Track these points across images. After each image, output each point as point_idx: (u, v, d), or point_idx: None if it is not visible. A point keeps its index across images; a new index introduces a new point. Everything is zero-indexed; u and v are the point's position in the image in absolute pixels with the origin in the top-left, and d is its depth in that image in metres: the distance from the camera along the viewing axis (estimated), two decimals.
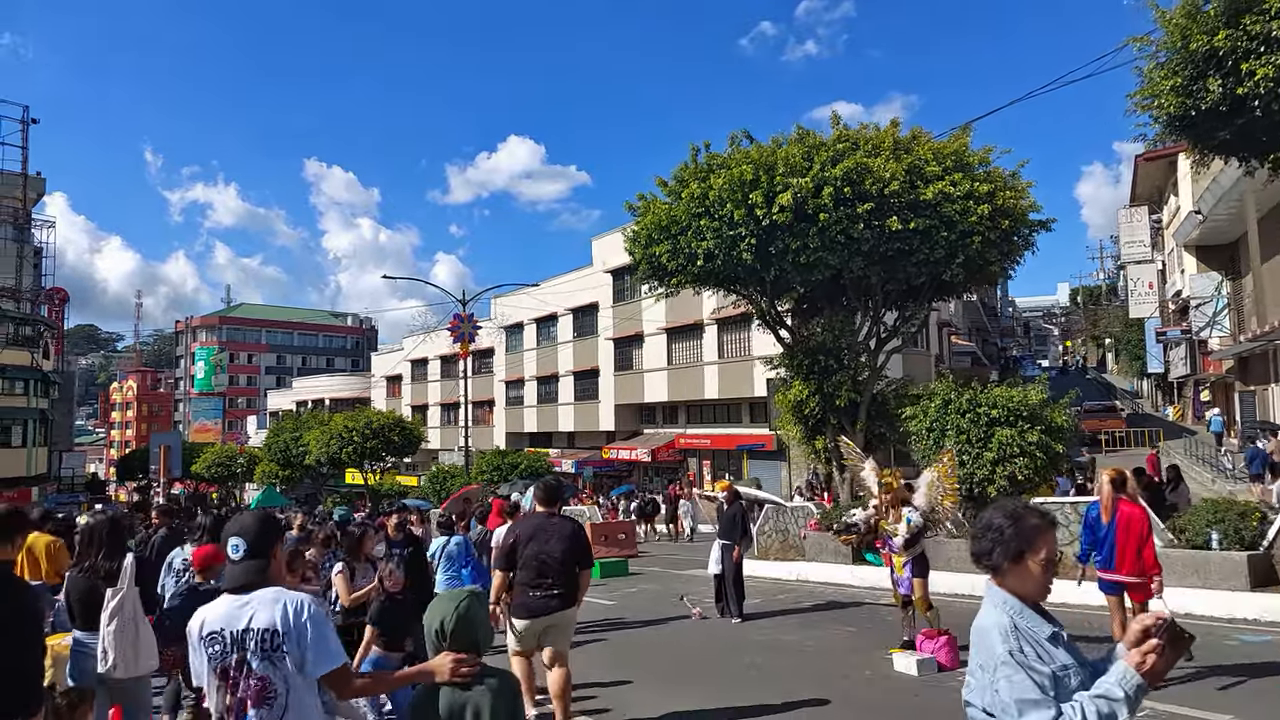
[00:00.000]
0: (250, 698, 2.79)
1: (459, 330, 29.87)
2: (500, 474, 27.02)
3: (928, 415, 12.74)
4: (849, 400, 14.46)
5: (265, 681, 2.80)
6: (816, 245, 12.78)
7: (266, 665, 2.80)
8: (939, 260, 13.20)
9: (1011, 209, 13.28)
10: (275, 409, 75.20)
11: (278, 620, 2.80)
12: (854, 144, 13.19)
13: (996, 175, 13.45)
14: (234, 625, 2.84)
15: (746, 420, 35.02)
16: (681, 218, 13.72)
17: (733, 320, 33.52)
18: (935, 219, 12.74)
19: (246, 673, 2.80)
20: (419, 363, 58.56)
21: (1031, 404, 12.05)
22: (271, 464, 46.10)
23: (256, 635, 2.81)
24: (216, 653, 2.84)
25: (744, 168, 12.85)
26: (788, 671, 8.36)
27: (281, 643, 2.79)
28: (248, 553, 2.92)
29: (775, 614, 11.48)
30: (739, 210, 12.79)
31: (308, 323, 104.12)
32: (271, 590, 2.88)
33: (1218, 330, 32.09)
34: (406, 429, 39.39)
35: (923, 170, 12.86)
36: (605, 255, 41.22)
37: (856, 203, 12.57)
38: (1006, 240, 13.61)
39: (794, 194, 12.42)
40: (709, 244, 13.28)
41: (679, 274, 14.39)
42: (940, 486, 8.72)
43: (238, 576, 2.92)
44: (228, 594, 2.93)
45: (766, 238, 13.05)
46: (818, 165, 12.73)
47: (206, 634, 2.88)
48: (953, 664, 7.84)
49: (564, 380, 44.50)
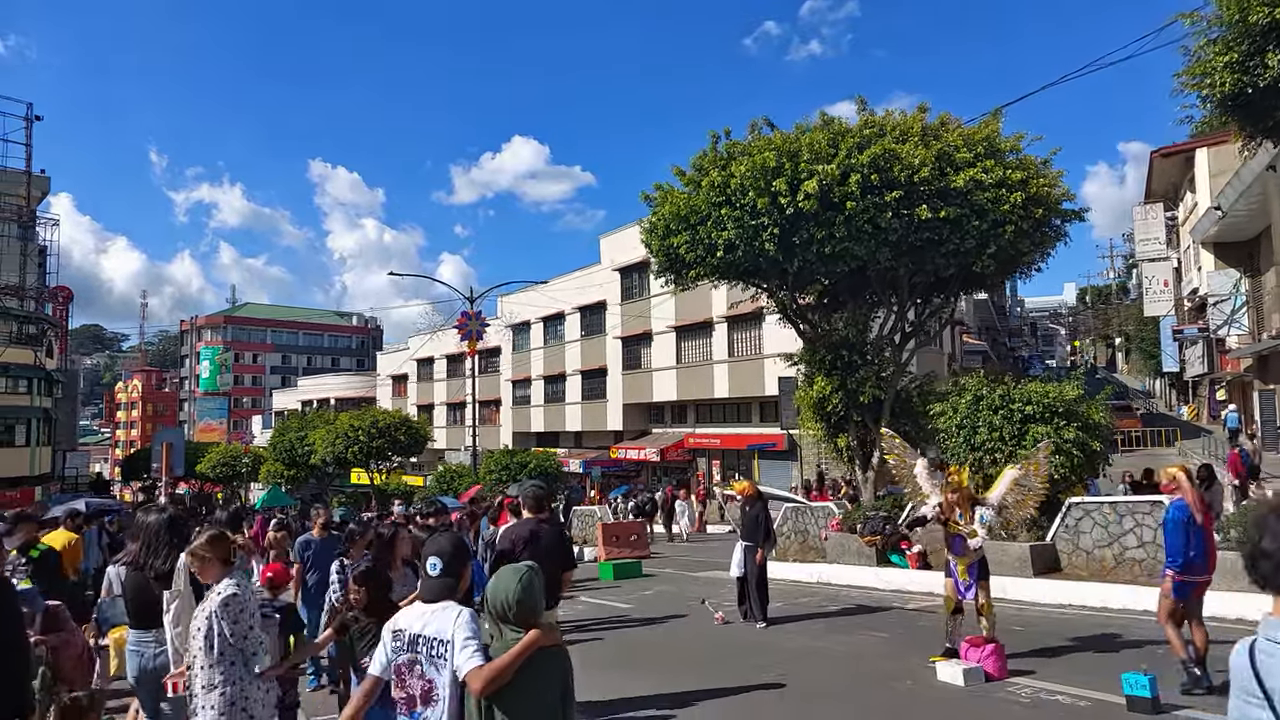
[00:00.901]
0: (419, 696, 3.17)
1: (467, 328, 29.44)
2: (509, 473, 26.57)
3: (958, 412, 12.28)
4: (872, 397, 13.99)
5: (432, 684, 3.16)
6: (843, 235, 12.28)
7: (432, 669, 3.16)
8: (969, 251, 12.70)
9: (1045, 197, 12.80)
10: (280, 409, 74.96)
11: (444, 631, 3.15)
12: (880, 130, 12.72)
13: (1029, 162, 12.95)
14: (413, 628, 3.25)
15: (757, 419, 34.59)
16: (701, 207, 13.22)
17: (743, 318, 33.11)
18: (966, 207, 12.23)
19: (418, 674, 3.18)
20: (425, 362, 58.21)
21: (1068, 400, 11.60)
22: (277, 464, 45.70)
23: (428, 641, 3.18)
24: (397, 649, 3.27)
25: (767, 154, 12.37)
26: (822, 681, 7.90)
27: (445, 650, 3.13)
28: (443, 571, 3.31)
29: (800, 618, 11.02)
30: (762, 199, 12.30)
31: (313, 322, 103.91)
32: (445, 604, 3.25)
33: (1236, 328, 31.58)
34: (413, 428, 38.99)
35: (952, 157, 12.37)
36: (613, 253, 40.83)
37: (884, 191, 12.08)
38: (1039, 230, 13.12)
39: (820, 181, 11.93)
40: (730, 234, 12.79)
41: (697, 265, 13.88)
42: (1026, 486, 8.18)
43: (433, 590, 3.30)
44: (420, 602, 3.34)
45: (790, 227, 12.56)
46: (843, 152, 12.25)
47: (394, 630, 3.33)
48: (1001, 674, 7.38)
49: (571, 379, 44.09)
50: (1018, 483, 8.20)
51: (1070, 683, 7.09)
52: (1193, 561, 6.71)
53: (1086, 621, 9.76)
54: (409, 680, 3.21)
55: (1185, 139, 31.78)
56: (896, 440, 8.68)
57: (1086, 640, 8.62)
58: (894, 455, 8.58)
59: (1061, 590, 10.84)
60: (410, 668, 3.21)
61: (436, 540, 3.49)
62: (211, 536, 4.13)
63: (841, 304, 15.36)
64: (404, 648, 3.25)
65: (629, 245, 39.53)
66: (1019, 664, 7.65)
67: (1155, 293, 39.01)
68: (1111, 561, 11.01)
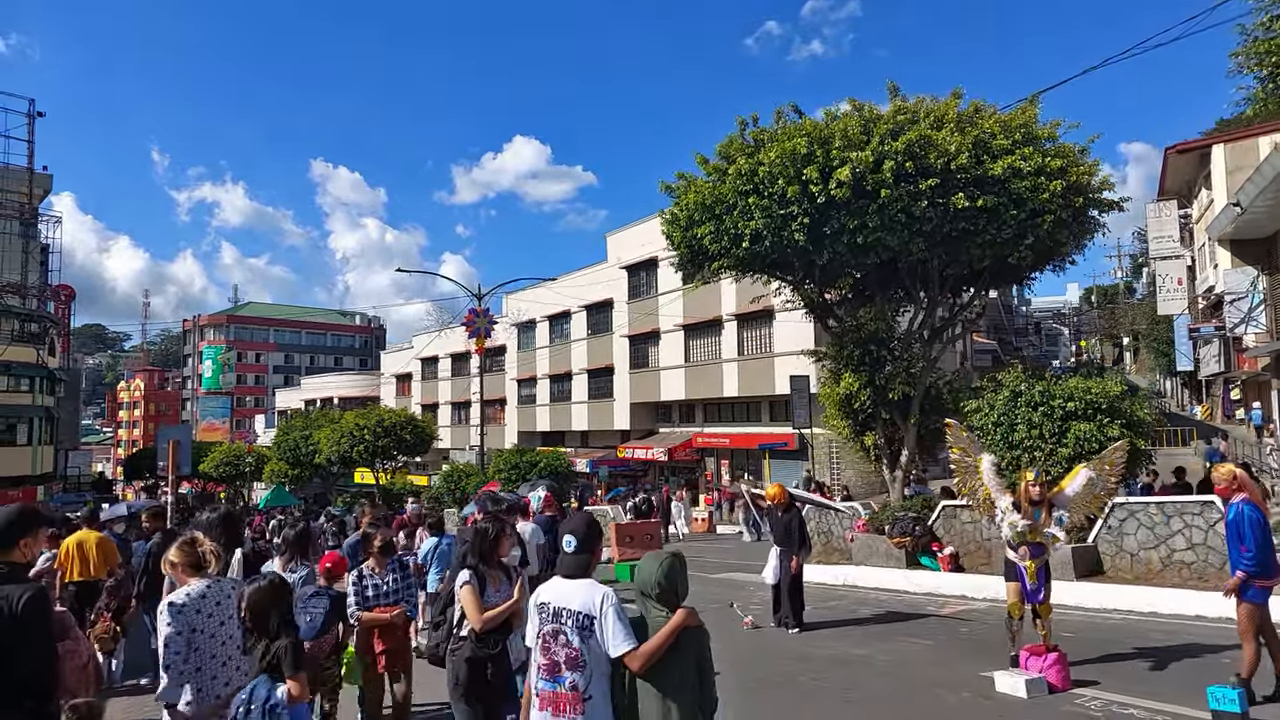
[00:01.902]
0: (564, 662, 3.47)
1: (474, 325, 28.99)
2: (518, 473, 26.12)
3: (994, 409, 11.83)
4: (902, 394, 13.53)
5: (577, 652, 3.47)
6: (875, 224, 11.81)
7: (577, 639, 3.48)
8: (1006, 241, 12.22)
9: (1084, 186, 12.34)
10: (283, 408, 74.61)
11: (591, 606, 3.48)
12: (914, 117, 12.26)
13: (1067, 150, 12.48)
14: (557, 602, 3.56)
15: (767, 419, 34.16)
16: (727, 196, 12.72)
17: (753, 316, 32.69)
18: (1004, 196, 11.75)
19: (563, 642, 3.49)
20: (429, 361, 57.81)
21: (1111, 396, 11.15)
22: (281, 463, 45.29)
23: (573, 615, 3.50)
24: (543, 619, 3.57)
25: (798, 141, 11.89)
26: (870, 690, 7.47)
27: (591, 624, 3.47)
28: (578, 548, 3.64)
29: (833, 624, 10.59)
30: (792, 187, 11.82)
31: (315, 321, 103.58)
32: (587, 581, 3.60)
33: (1253, 326, 31.14)
34: (419, 427, 38.58)
35: (989, 144, 11.90)
36: (620, 251, 40.43)
37: (919, 178, 11.60)
38: (1078, 220, 12.66)
39: (853, 168, 11.47)
40: (757, 224, 12.30)
41: (722, 257, 13.42)
42: (1098, 486, 7.72)
43: (571, 566, 3.64)
44: (560, 577, 3.65)
45: (820, 217, 12.09)
46: (876, 138, 11.78)
47: (539, 603, 3.63)
48: (1064, 685, 6.94)
49: (577, 378, 43.67)
50: (1090, 482, 7.76)
51: (1138, 694, 6.67)
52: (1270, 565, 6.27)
53: (1137, 627, 9.33)
54: (554, 648, 3.52)
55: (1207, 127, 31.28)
56: (964, 433, 8.16)
57: (1144, 648, 8.19)
58: (958, 448, 8.08)
59: (1106, 594, 10.41)
60: (554, 637, 3.53)
61: (571, 520, 3.85)
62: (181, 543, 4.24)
63: (869, 298, 14.88)
64: (549, 618, 3.56)
65: (636, 243, 39.16)
66: (1079, 673, 7.23)
67: (1169, 291, 38.49)
68: (1158, 564, 10.57)
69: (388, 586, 6.14)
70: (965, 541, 12.93)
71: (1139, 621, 9.68)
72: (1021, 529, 7.37)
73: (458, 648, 4.70)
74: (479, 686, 4.60)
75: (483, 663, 4.63)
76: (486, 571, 4.83)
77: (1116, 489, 8.32)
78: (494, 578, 4.86)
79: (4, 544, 3.65)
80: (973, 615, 10.75)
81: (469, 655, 4.62)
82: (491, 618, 4.62)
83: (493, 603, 4.71)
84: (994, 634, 9.42)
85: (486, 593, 4.75)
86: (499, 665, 4.72)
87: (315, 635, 5.82)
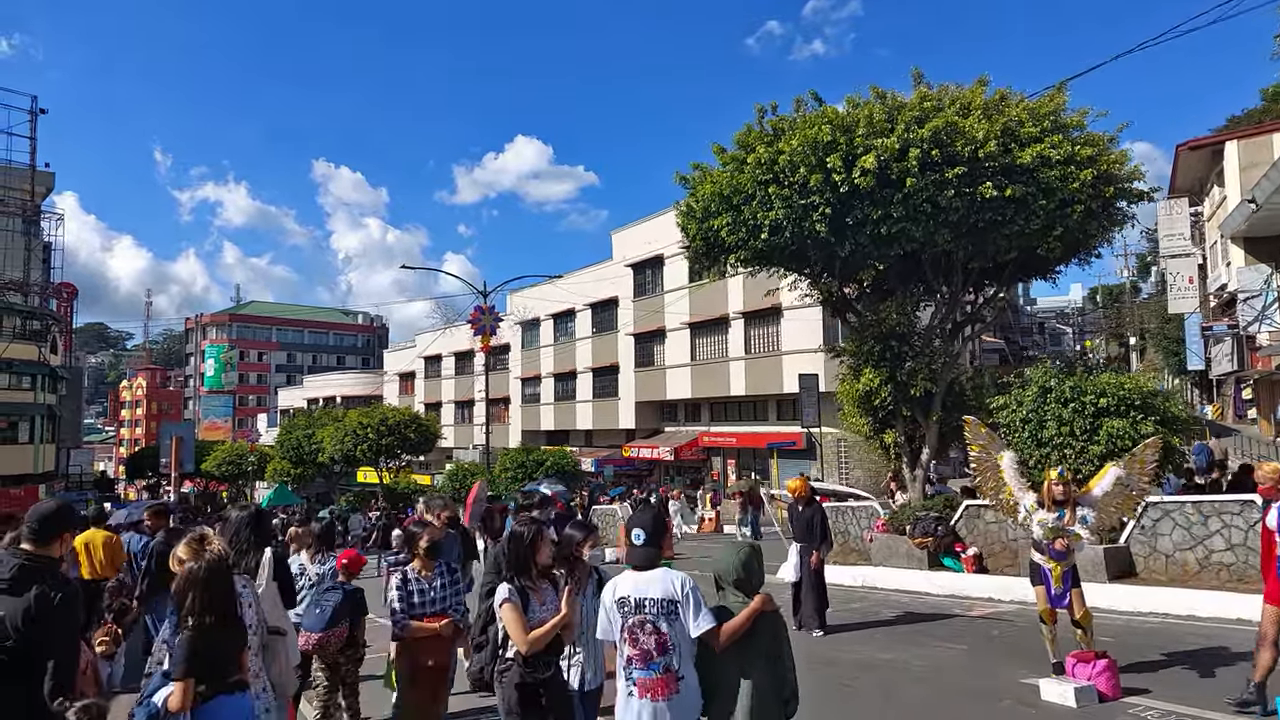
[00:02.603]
0: (654, 649, 3.69)
1: (480, 323, 28.63)
2: (525, 471, 25.83)
3: (1022, 405, 11.47)
4: (924, 390, 13.18)
5: (665, 637, 3.69)
6: (900, 215, 11.45)
7: (664, 624, 3.70)
8: (1034, 233, 11.85)
9: (1115, 175, 11.99)
10: (286, 407, 74.40)
11: (674, 591, 3.73)
12: (938, 104, 11.90)
13: (1097, 139, 12.12)
14: (638, 594, 3.77)
15: (774, 418, 33.85)
16: (746, 185, 12.36)
17: (761, 314, 32.41)
18: (1032, 185, 11.40)
19: (650, 630, 3.70)
20: (433, 359, 57.53)
21: (1145, 391, 10.80)
22: (283, 461, 45.01)
23: (657, 602, 3.72)
24: (625, 613, 3.78)
25: (821, 128, 11.55)
26: (907, 698, 7.14)
27: (675, 609, 3.71)
28: (647, 540, 3.87)
29: (856, 626, 10.26)
30: (815, 175, 11.48)
31: (318, 320, 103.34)
32: (661, 570, 3.81)
33: (1267, 325, 30.80)
34: (423, 426, 38.33)
35: (1016, 132, 11.55)
36: (625, 249, 40.16)
37: (945, 167, 11.23)
38: (1108, 210, 12.29)
39: (878, 156, 11.12)
40: (777, 214, 11.94)
41: (740, 249, 13.05)
42: (1129, 485, 7.37)
43: (643, 557, 3.86)
44: (632, 570, 3.87)
45: (843, 207, 11.74)
46: (901, 126, 11.43)
47: (618, 599, 3.83)
48: (1115, 693, 6.60)
49: (582, 377, 43.37)
50: (1120, 482, 7.41)
51: (1193, 703, 6.33)
52: None
53: (1177, 631, 8.99)
54: (641, 638, 3.73)
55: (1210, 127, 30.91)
56: (983, 429, 7.83)
57: (1190, 654, 7.84)
58: (978, 446, 7.75)
59: (1140, 597, 10.06)
60: (641, 626, 3.73)
61: (639, 514, 4.06)
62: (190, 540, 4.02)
63: (888, 292, 14.52)
64: (632, 611, 3.77)
65: (641, 240, 38.86)
66: (1126, 681, 6.87)
67: (1180, 289, 38.05)
68: (1195, 566, 10.22)
69: (435, 593, 5.41)
70: (990, 542, 12.59)
71: (1177, 625, 9.34)
72: (1053, 524, 7.03)
73: (505, 670, 4.22)
74: (533, 713, 4.16)
75: (534, 688, 4.17)
76: (528, 584, 4.27)
77: (1149, 489, 7.97)
78: (537, 590, 4.30)
79: (43, 539, 3.77)
80: (1002, 618, 10.40)
81: (518, 680, 4.15)
82: (538, 638, 4.10)
83: (539, 618, 4.18)
84: (1027, 638, 9.08)
85: (530, 607, 4.21)
86: (554, 688, 4.24)
87: (324, 627, 5.98)
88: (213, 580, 3.71)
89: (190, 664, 3.57)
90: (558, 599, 4.28)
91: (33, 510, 3.91)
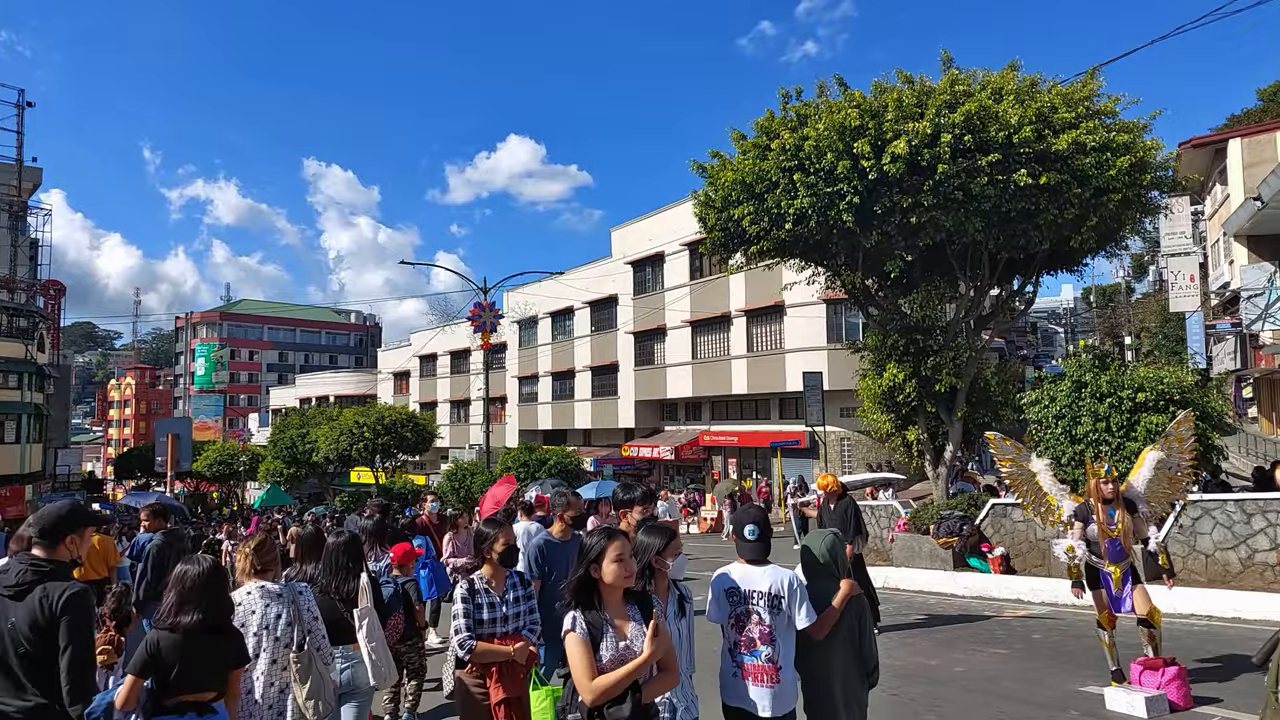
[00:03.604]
0: (758, 638, 3.88)
1: (480, 320, 28.15)
2: (527, 470, 25.33)
3: (1056, 401, 11.09)
4: (949, 385, 12.78)
5: (770, 628, 3.88)
6: (931, 203, 11.04)
7: (771, 616, 3.88)
8: (1068, 222, 11.49)
9: (1150, 163, 11.61)
10: (278, 406, 73.66)
11: (780, 588, 3.91)
12: (968, 89, 11.50)
13: (1132, 126, 11.74)
14: (746, 586, 3.95)
15: (776, 416, 33.49)
16: (770, 173, 11.95)
17: (764, 312, 32.08)
18: (1067, 173, 11.03)
19: (755, 620, 3.90)
20: (428, 358, 56.94)
21: (1184, 386, 10.44)
22: (276, 461, 44.35)
23: (764, 595, 3.91)
24: (733, 603, 3.96)
25: (849, 112, 11.15)
26: (958, 709, 6.74)
27: (779, 603, 3.89)
28: (760, 535, 4.03)
29: (888, 629, 9.86)
30: (842, 162, 11.05)
31: (310, 319, 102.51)
32: (771, 566, 4.00)
33: (1271, 323, 30.66)
34: (420, 425, 37.87)
35: (1049, 119, 11.17)
36: (625, 246, 39.74)
37: (978, 154, 10.85)
38: (1143, 199, 11.91)
39: (909, 141, 10.72)
40: (803, 202, 11.50)
41: (761, 239, 12.62)
42: (1171, 466, 6.95)
43: (755, 551, 4.01)
44: (745, 563, 4.03)
45: (871, 195, 11.33)
46: (932, 110, 11.04)
47: (728, 589, 4.00)
48: (1186, 703, 6.22)
49: (581, 376, 42.91)
50: (1162, 465, 7.01)
51: None
52: None
53: (1225, 634, 8.64)
54: (749, 626, 3.89)
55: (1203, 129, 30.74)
56: (1008, 442, 7.26)
57: (1247, 656, 7.46)
58: (1008, 460, 7.24)
59: (1181, 598, 9.68)
60: (748, 616, 3.90)
61: (749, 511, 4.17)
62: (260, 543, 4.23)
63: (909, 285, 14.12)
64: (741, 601, 3.93)
65: (642, 238, 38.43)
66: (1195, 689, 6.50)
67: (1181, 288, 37.96)
68: (1238, 566, 9.87)
69: (508, 608, 4.44)
70: (1017, 542, 12.22)
71: (1224, 628, 9.00)
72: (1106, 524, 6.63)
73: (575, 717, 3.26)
74: None
75: None
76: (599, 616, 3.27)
77: (1191, 469, 7.56)
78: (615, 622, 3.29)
79: (51, 540, 3.65)
80: (1038, 620, 10.04)
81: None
82: (605, 689, 3.11)
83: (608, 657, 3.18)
84: (1070, 641, 8.73)
85: (605, 643, 3.22)
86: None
87: None
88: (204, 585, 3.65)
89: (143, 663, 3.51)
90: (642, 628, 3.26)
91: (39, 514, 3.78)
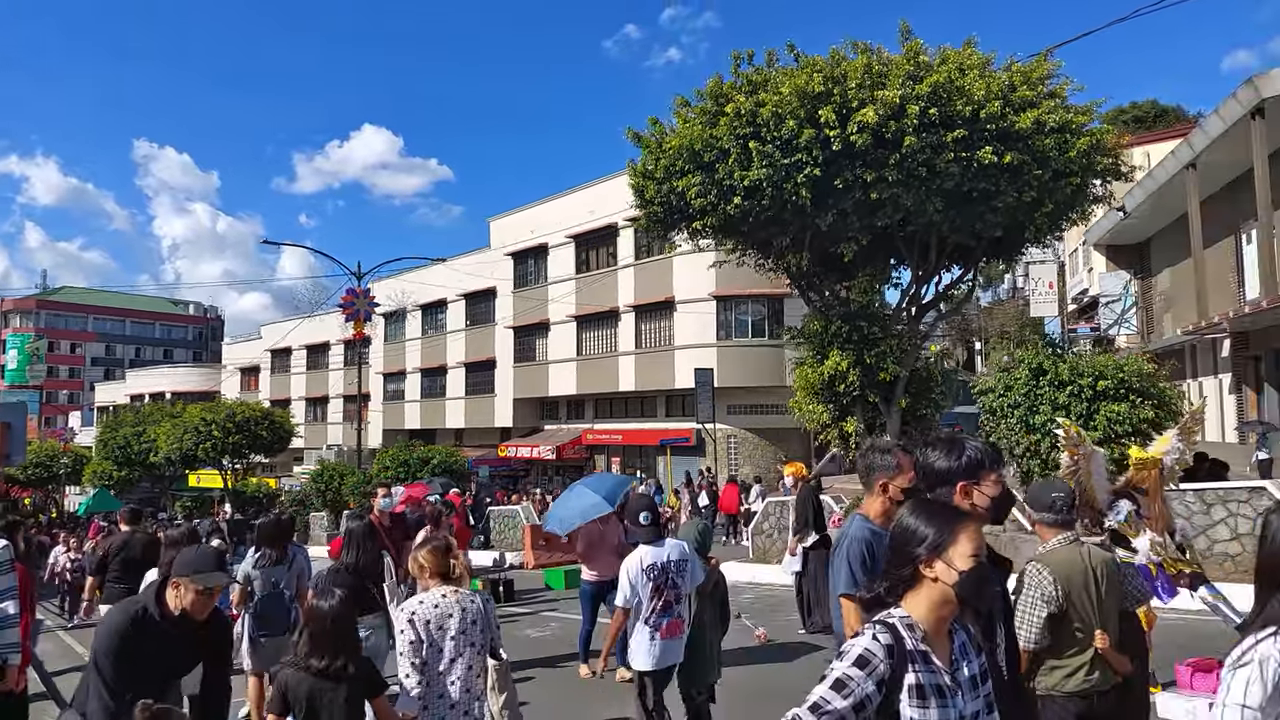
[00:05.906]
0: (672, 599, 5.05)
1: (354, 308, 25.90)
2: (408, 470, 23.34)
3: (1013, 390, 10.68)
4: (892, 374, 12.22)
5: (680, 590, 5.11)
6: (895, 178, 10.39)
7: (679, 579, 5.11)
8: (1024, 206, 11.13)
9: (1104, 146, 11.42)
10: (105, 403, 67.08)
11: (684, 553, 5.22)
12: (928, 64, 10.94)
13: (1088, 109, 11.49)
14: (660, 559, 5.10)
15: (663, 414, 32.86)
16: (723, 139, 10.98)
17: (653, 308, 31.43)
18: (1028, 154, 10.68)
19: (670, 585, 5.06)
20: (281, 352, 52.99)
21: (1145, 374, 10.23)
22: (106, 463, 39.83)
23: (674, 565, 5.11)
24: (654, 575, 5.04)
25: (813, 76, 10.32)
26: None
27: (685, 566, 5.17)
28: (653, 520, 5.26)
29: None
30: (805, 130, 10.23)
31: (143, 310, 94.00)
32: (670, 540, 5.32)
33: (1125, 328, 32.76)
34: (276, 423, 34.78)
35: (1010, 97, 10.76)
36: (504, 237, 38.13)
37: (942, 129, 10.30)
38: (1102, 183, 11.70)
39: (876, 111, 10.00)
40: (758, 173, 10.61)
41: (706, 215, 11.60)
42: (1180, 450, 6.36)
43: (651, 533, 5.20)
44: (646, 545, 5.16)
45: (830, 168, 10.56)
46: (896, 81, 10.38)
47: (645, 566, 5.06)
48: None
49: (454, 372, 40.86)
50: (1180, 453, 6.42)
51: None
52: None
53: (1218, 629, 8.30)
54: (666, 592, 5.05)
55: None
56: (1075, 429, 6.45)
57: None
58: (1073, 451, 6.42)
59: None
60: (666, 582, 5.06)
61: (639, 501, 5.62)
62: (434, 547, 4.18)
63: (848, 269, 13.50)
64: (661, 573, 5.06)
65: (524, 228, 36.93)
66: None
67: (1041, 294, 40.25)
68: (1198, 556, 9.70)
69: None
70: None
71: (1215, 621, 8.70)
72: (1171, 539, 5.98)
73: None
74: None
75: None
76: None
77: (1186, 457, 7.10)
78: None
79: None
80: None
81: None
82: None
83: None
84: None
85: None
86: None
87: None
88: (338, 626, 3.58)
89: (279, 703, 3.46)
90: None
91: None
